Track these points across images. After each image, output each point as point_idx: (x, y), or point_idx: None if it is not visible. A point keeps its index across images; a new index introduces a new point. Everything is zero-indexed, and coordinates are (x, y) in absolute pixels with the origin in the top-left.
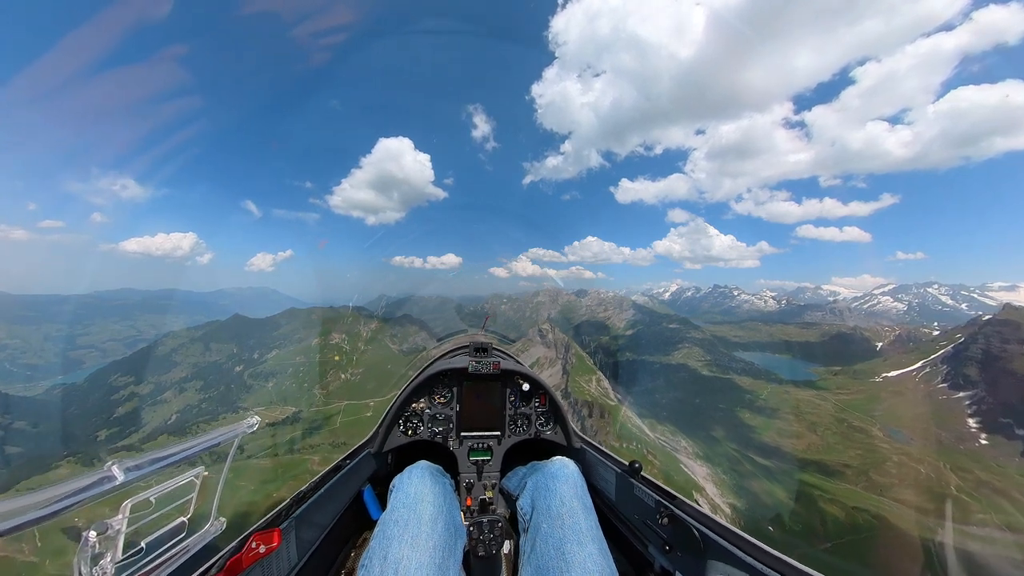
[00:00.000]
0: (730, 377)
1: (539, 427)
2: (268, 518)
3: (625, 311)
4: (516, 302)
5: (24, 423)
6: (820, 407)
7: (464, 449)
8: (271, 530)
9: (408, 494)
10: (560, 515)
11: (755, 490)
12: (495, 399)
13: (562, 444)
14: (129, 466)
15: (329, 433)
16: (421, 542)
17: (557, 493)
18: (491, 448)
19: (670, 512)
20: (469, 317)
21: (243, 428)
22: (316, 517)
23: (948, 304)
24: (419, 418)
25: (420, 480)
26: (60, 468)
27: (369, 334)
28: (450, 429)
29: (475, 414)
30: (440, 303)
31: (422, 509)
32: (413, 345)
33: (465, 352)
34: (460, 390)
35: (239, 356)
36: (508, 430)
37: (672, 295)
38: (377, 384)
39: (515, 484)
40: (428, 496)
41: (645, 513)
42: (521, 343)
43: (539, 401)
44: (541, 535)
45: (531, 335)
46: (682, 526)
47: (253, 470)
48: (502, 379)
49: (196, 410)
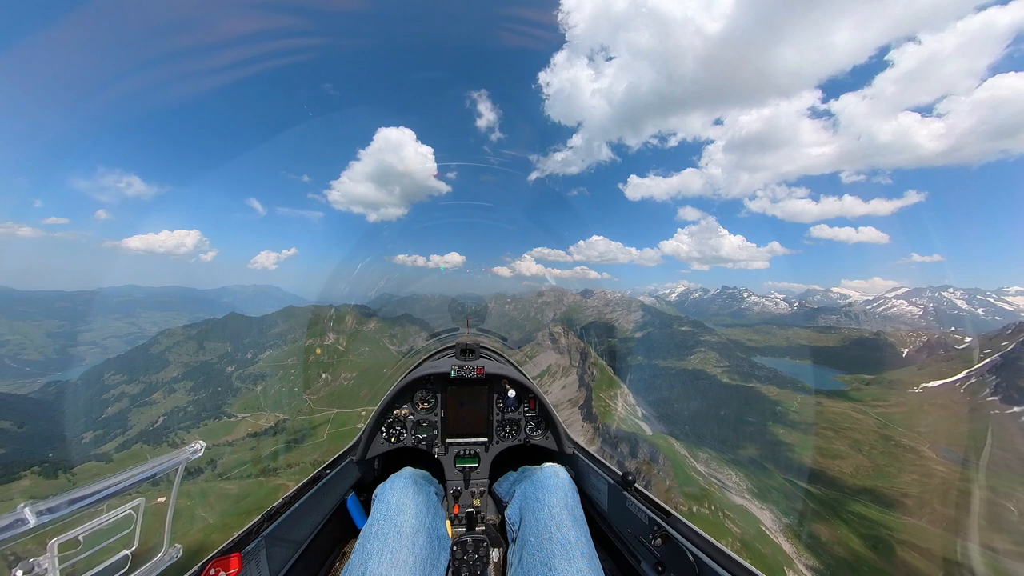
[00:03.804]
0: (753, 386)
1: (528, 432)
2: (231, 542)
3: (633, 312)
4: (520, 302)
5: (9, 423)
6: (860, 422)
7: (450, 456)
8: (231, 555)
9: (389, 505)
10: (548, 528)
11: (823, 537)
12: (481, 405)
13: (553, 449)
14: (42, 509)
15: (312, 448)
16: (401, 557)
17: (545, 504)
18: (478, 455)
19: (664, 532)
20: (470, 315)
21: (186, 455)
22: (293, 533)
23: (964, 308)
24: (402, 424)
25: (403, 490)
26: (23, 480)
27: (366, 334)
28: (435, 436)
29: (460, 420)
30: (442, 302)
31: (403, 521)
32: (413, 346)
33: (451, 354)
34: (444, 396)
35: (232, 356)
36: (496, 436)
37: (679, 296)
38: (371, 390)
39: (505, 490)
40: (410, 507)
41: (638, 529)
42: (529, 347)
43: (528, 406)
44: (528, 549)
45: (540, 339)
46: (677, 547)
47: (217, 496)
48: (488, 383)
49: (182, 413)
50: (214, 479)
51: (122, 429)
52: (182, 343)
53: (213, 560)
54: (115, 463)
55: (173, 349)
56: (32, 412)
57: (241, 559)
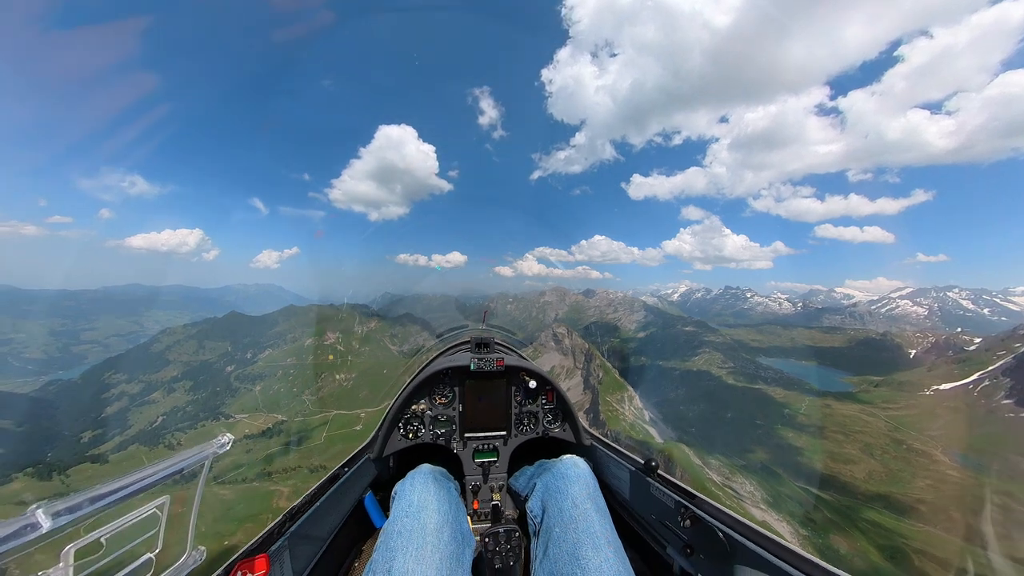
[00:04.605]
0: (759, 387)
1: (547, 425)
2: (255, 542)
3: (636, 312)
4: (522, 301)
5: (9, 422)
6: (870, 425)
7: (469, 451)
8: (257, 556)
9: (411, 502)
10: (573, 518)
11: (842, 549)
12: (499, 397)
13: (571, 442)
14: (59, 510)
15: (310, 451)
16: (427, 554)
17: (568, 495)
18: (497, 449)
19: (692, 513)
20: (474, 313)
21: (214, 448)
22: (314, 531)
23: (970, 309)
24: (420, 420)
25: (423, 486)
26: (15, 483)
27: (367, 333)
28: (453, 431)
29: (479, 414)
30: (444, 301)
31: (426, 518)
32: (414, 346)
33: (466, 349)
34: (462, 389)
35: (232, 355)
36: (514, 429)
37: (681, 296)
38: (371, 392)
39: (523, 484)
40: (432, 503)
41: (663, 514)
42: (532, 348)
43: (546, 398)
44: (554, 540)
45: (544, 339)
46: (705, 528)
47: (208, 503)
48: (506, 376)
49: (181, 413)
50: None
51: (121, 429)
52: (182, 342)
53: (240, 562)
54: (111, 464)
55: (173, 348)
56: (32, 411)
57: (268, 560)
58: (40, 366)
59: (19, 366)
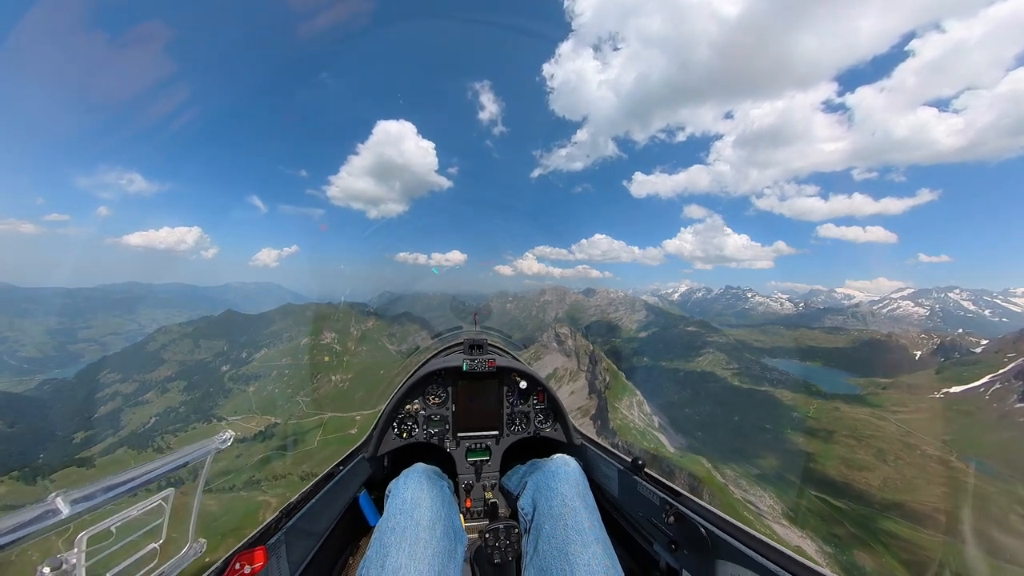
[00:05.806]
0: (766, 389)
1: (538, 425)
2: (254, 535)
3: (637, 312)
4: (522, 301)
5: (1, 422)
6: (882, 429)
7: (461, 450)
8: (256, 548)
9: (404, 499)
10: (562, 515)
11: (867, 567)
12: (491, 398)
13: (562, 441)
14: (77, 497)
15: (303, 456)
16: (420, 549)
17: (558, 492)
18: (489, 448)
19: (676, 510)
20: (468, 315)
21: (215, 444)
22: (310, 527)
23: (971, 310)
24: (414, 420)
25: (417, 484)
26: (1, 486)
27: (364, 333)
28: (446, 430)
29: (471, 414)
30: (443, 300)
31: (419, 514)
32: (412, 345)
33: (459, 350)
34: (455, 390)
35: (227, 354)
36: (506, 429)
37: (682, 296)
38: (367, 393)
39: (515, 483)
40: (425, 500)
41: (650, 511)
42: (534, 349)
43: (537, 398)
44: (543, 536)
45: (545, 340)
46: (689, 524)
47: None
48: (498, 377)
49: (174, 414)
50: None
51: (113, 430)
52: (178, 341)
53: (239, 554)
54: (97, 468)
55: (169, 347)
56: (26, 411)
57: (266, 552)
58: (36, 365)
59: (15, 365)
